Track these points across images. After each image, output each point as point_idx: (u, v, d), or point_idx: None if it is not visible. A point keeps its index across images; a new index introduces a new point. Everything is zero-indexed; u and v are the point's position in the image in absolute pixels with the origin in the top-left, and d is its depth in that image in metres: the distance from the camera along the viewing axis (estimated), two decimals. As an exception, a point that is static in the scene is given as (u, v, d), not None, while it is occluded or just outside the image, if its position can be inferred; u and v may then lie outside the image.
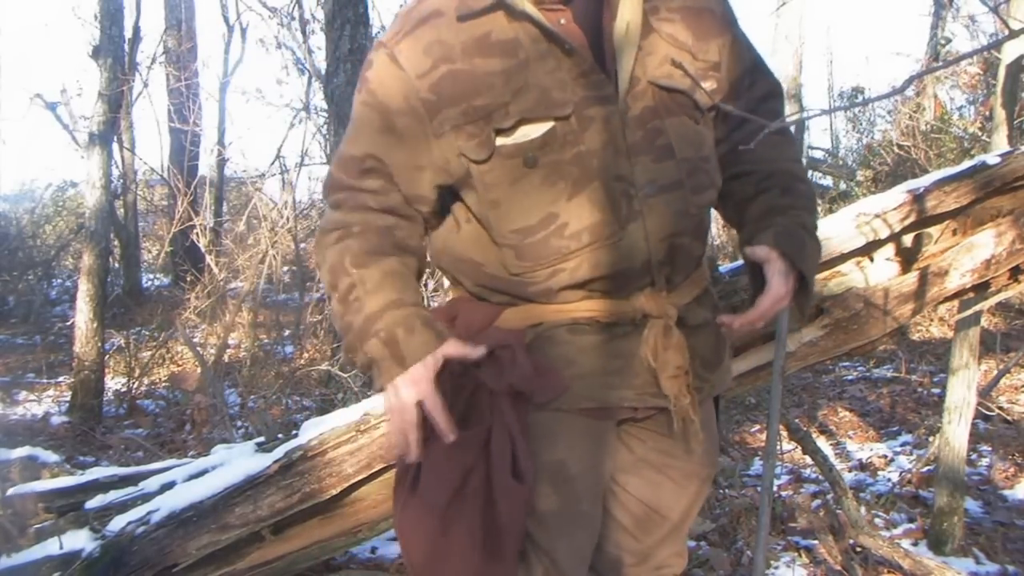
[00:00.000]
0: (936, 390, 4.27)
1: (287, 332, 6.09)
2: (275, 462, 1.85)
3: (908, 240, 1.99)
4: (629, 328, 1.23)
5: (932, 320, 5.51)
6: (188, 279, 6.32)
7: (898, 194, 1.98)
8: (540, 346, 1.23)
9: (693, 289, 1.29)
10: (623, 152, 1.18)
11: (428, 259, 1.34)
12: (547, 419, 1.22)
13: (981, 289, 2.06)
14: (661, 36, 1.22)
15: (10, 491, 2.03)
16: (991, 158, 2.02)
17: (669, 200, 1.20)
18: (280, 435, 2.13)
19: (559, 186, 1.17)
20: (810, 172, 7.47)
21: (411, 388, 1.16)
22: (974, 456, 3.31)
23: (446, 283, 3.25)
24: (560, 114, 1.16)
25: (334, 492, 1.81)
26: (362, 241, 1.22)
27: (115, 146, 5.97)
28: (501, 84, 1.15)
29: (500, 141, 1.16)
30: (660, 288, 1.23)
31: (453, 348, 1.19)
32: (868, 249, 1.96)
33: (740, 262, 1.92)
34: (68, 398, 4.93)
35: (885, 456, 3.54)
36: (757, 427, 3.98)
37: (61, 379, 5.59)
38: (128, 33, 5.56)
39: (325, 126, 6.73)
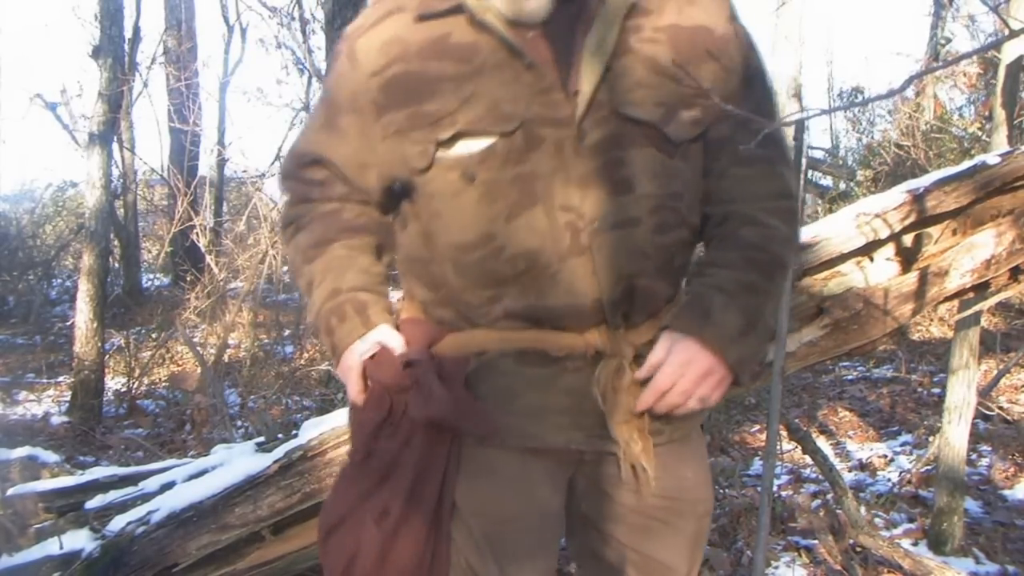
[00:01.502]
0: (936, 390, 4.27)
1: (287, 332, 6.09)
2: (275, 462, 1.85)
3: (908, 240, 1.99)
4: (581, 363, 1.13)
5: (932, 320, 5.51)
6: (188, 279, 6.32)
7: (898, 194, 1.98)
8: (485, 376, 1.13)
9: (656, 326, 1.16)
10: (573, 181, 1.08)
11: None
12: (488, 455, 1.14)
13: (981, 289, 2.06)
14: (639, 59, 1.10)
15: (10, 491, 2.03)
16: (991, 158, 2.02)
17: (624, 237, 1.09)
18: (280, 435, 2.13)
19: (497, 205, 1.09)
20: (810, 172, 7.47)
21: (345, 377, 1.18)
22: (974, 456, 3.31)
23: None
24: (504, 129, 1.08)
25: (334, 492, 1.81)
26: (309, 234, 1.23)
27: (115, 146, 5.97)
28: (451, 90, 1.09)
29: (440, 153, 1.10)
30: (616, 326, 1.13)
31: (382, 336, 1.17)
32: (868, 249, 1.96)
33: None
34: (68, 398, 4.94)
35: (885, 456, 3.54)
36: (757, 427, 3.98)
37: (61, 379, 5.60)
38: (128, 33, 5.56)
39: (325, 126, 6.70)
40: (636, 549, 1.21)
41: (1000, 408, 3.59)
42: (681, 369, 1.10)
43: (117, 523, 1.91)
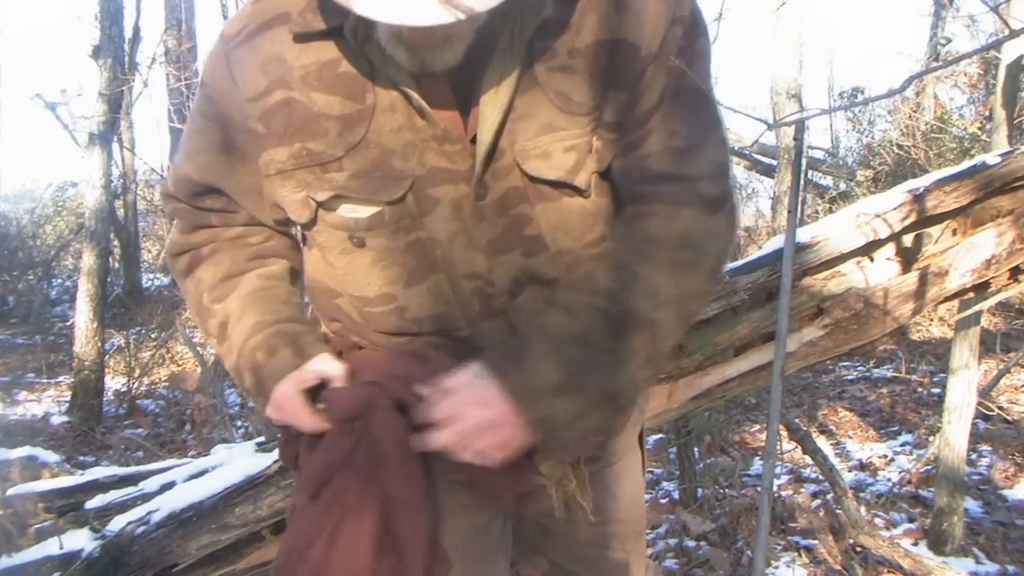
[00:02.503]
0: (936, 390, 4.27)
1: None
2: (275, 462, 1.85)
3: (908, 240, 1.99)
4: None
5: (932, 320, 5.51)
6: (188, 279, 6.31)
7: (898, 194, 1.98)
8: None
9: None
10: (478, 247, 0.96)
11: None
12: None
13: (981, 289, 2.06)
14: (547, 94, 0.93)
15: (10, 491, 2.03)
16: (991, 158, 2.02)
17: (541, 299, 0.98)
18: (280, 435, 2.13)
19: (393, 271, 0.98)
20: (810, 172, 7.47)
21: (276, 415, 1.03)
22: (974, 456, 3.31)
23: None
24: (391, 197, 0.94)
25: (334, 492, 1.80)
26: (213, 267, 1.09)
27: (115, 146, 5.96)
28: (336, 132, 0.93)
29: (322, 212, 0.98)
30: None
31: (320, 366, 1.02)
32: (868, 249, 1.96)
33: (741, 262, 1.92)
34: (68, 398, 4.94)
35: (885, 456, 3.55)
36: (757, 427, 3.98)
37: (61, 379, 5.60)
38: (128, 33, 5.56)
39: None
40: (586, 573, 1.21)
41: (1000, 408, 3.59)
42: (465, 409, 0.93)
43: (117, 523, 1.91)
